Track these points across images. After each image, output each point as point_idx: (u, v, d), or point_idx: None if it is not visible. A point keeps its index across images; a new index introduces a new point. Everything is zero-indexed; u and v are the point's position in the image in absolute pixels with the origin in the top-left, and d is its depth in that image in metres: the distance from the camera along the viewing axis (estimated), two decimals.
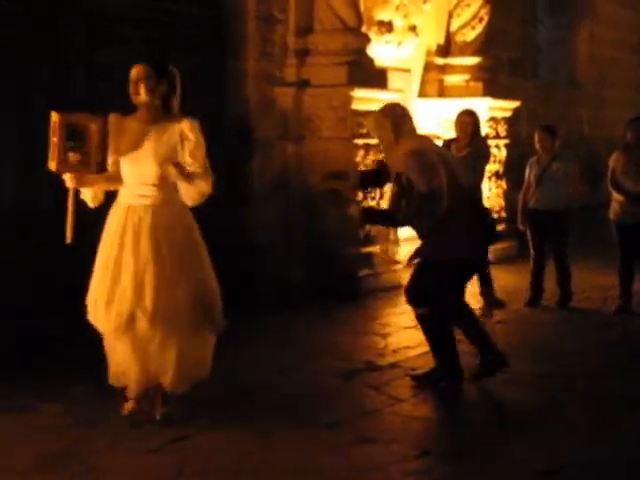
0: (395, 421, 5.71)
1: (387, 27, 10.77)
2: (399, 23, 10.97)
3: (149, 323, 5.29)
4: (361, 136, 9.51)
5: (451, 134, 9.44)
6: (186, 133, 5.34)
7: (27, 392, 6.00)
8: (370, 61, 9.90)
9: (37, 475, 4.76)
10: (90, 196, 5.52)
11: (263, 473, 4.87)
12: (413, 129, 6.28)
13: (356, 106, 9.42)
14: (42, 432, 5.34)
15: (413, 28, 11.24)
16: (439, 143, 9.27)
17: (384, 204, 8.98)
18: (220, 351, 7.00)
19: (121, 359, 5.51)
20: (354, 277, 9.44)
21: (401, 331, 7.81)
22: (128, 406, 5.56)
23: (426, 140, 6.42)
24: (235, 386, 6.31)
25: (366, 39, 9.93)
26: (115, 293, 5.32)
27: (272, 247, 9.38)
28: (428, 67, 11.76)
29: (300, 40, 9.69)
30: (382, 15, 10.69)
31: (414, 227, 6.29)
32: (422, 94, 11.68)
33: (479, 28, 11.91)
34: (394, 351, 7.23)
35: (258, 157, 9.53)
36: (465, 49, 11.92)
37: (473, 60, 11.86)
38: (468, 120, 8.98)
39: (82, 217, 5.44)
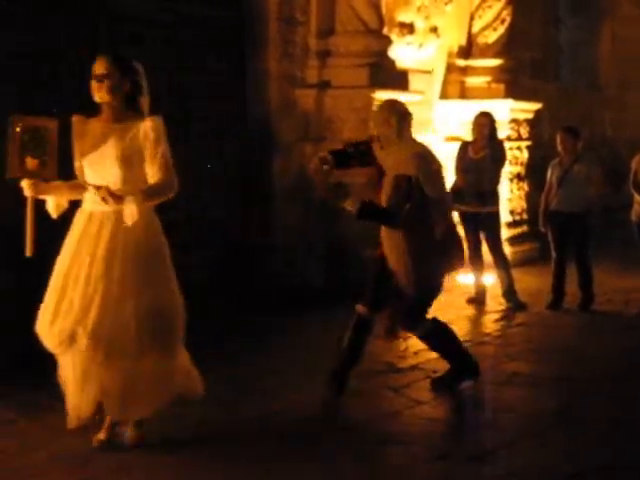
0: (415, 423, 5.70)
1: (408, 29, 10.77)
2: (420, 25, 10.96)
3: (88, 342, 4.82)
4: None
5: (471, 136, 9.45)
6: (147, 131, 4.94)
7: (45, 392, 6.00)
8: (391, 63, 9.90)
9: (57, 475, 4.77)
10: (52, 205, 5.12)
11: (280, 476, 4.87)
12: (411, 129, 6.19)
13: None
14: (62, 432, 5.30)
15: (434, 30, 11.23)
16: (458, 145, 9.32)
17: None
18: (237, 352, 7.06)
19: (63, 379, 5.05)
20: None
21: None
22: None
23: (424, 144, 6.42)
24: (252, 387, 6.33)
25: (387, 41, 9.93)
26: (61, 307, 4.90)
27: (291, 248, 9.39)
28: (450, 69, 11.75)
29: (321, 42, 9.70)
30: (403, 17, 10.69)
31: (412, 231, 5.98)
32: (443, 96, 11.66)
33: (501, 29, 11.89)
34: (415, 353, 7.20)
35: (279, 158, 9.54)
36: (487, 51, 11.90)
37: (495, 62, 11.84)
38: (484, 122, 9.04)
39: None
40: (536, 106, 12.20)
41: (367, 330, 6.13)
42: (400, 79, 9.88)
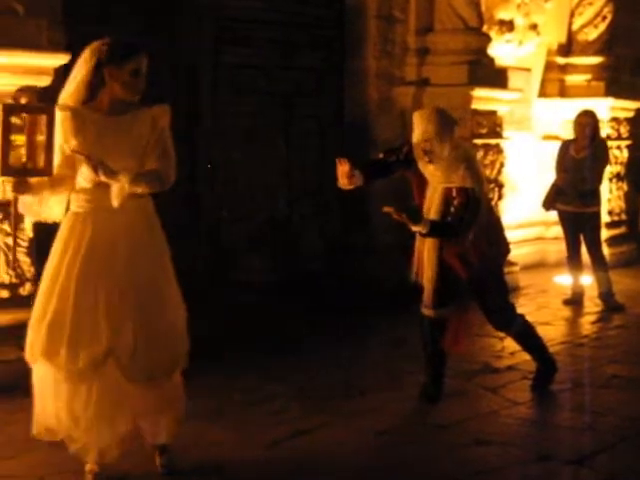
0: (512, 424, 5.66)
1: (508, 26, 10.70)
2: (520, 22, 10.89)
3: (129, 361, 4.39)
4: (480, 136, 9.47)
5: (571, 135, 9.34)
6: (157, 119, 4.50)
7: None
8: (491, 60, 9.83)
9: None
10: (34, 207, 4.56)
11: (377, 472, 4.89)
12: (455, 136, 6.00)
13: (476, 106, 9.37)
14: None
15: (534, 27, 11.14)
16: (556, 144, 9.22)
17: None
18: (335, 349, 7.08)
19: (78, 407, 4.42)
20: None
21: None
22: (92, 467, 4.60)
23: (468, 147, 6.33)
24: (348, 385, 6.37)
25: (487, 38, 9.86)
26: (82, 327, 4.34)
27: (388, 248, 9.38)
28: (549, 66, 11.62)
29: (420, 39, 9.67)
30: (503, 14, 10.62)
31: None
32: (542, 94, 11.55)
33: (602, 27, 11.71)
34: (511, 354, 7.15)
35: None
36: (587, 48, 11.73)
37: (595, 59, 11.67)
38: (587, 121, 8.90)
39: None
40: (637, 104, 12.00)
41: (442, 328, 6.08)
42: (499, 77, 9.80)
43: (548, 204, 9.08)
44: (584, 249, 9.05)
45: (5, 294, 6.17)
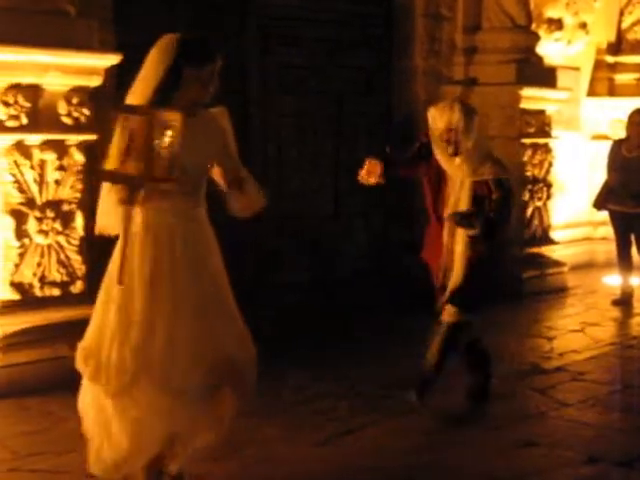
0: (561, 425, 5.63)
1: (557, 25, 10.65)
2: (569, 21, 10.83)
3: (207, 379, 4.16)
4: (529, 135, 9.43)
5: (621, 134, 9.26)
6: (224, 121, 4.29)
7: None
8: (539, 59, 9.79)
9: (210, 463, 4.82)
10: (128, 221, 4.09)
11: (425, 472, 4.89)
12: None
13: (524, 105, 9.34)
14: None
15: (583, 26, 11.07)
16: (604, 143, 9.13)
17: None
18: (384, 347, 7.07)
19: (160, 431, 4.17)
20: (519, 278, 9.34)
21: (567, 334, 7.70)
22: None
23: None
24: (395, 384, 6.36)
25: (535, 37, 9.82)
26: (158, 346, 4.07)
27: None
28: (598, 65, 11.55)
29: (468, 38, 9.65)
30: (552, 12, 10.57)
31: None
32: (591, 93, 11.48)
33: None
34: (560, 355, 7.12)
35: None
36: (637, 47, 11.65)
37: None
38: (639, 120, 8.81)
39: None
40: None
41: (470, 329, 6.03)
42: (548, 76, 9.76)
43: (599, 204, 9.01)
44: (634, 250, 8.97)
45: (57, 292, 6.24)
